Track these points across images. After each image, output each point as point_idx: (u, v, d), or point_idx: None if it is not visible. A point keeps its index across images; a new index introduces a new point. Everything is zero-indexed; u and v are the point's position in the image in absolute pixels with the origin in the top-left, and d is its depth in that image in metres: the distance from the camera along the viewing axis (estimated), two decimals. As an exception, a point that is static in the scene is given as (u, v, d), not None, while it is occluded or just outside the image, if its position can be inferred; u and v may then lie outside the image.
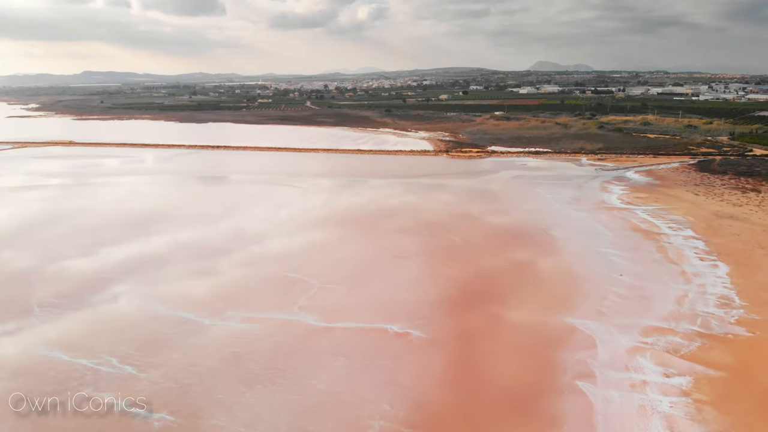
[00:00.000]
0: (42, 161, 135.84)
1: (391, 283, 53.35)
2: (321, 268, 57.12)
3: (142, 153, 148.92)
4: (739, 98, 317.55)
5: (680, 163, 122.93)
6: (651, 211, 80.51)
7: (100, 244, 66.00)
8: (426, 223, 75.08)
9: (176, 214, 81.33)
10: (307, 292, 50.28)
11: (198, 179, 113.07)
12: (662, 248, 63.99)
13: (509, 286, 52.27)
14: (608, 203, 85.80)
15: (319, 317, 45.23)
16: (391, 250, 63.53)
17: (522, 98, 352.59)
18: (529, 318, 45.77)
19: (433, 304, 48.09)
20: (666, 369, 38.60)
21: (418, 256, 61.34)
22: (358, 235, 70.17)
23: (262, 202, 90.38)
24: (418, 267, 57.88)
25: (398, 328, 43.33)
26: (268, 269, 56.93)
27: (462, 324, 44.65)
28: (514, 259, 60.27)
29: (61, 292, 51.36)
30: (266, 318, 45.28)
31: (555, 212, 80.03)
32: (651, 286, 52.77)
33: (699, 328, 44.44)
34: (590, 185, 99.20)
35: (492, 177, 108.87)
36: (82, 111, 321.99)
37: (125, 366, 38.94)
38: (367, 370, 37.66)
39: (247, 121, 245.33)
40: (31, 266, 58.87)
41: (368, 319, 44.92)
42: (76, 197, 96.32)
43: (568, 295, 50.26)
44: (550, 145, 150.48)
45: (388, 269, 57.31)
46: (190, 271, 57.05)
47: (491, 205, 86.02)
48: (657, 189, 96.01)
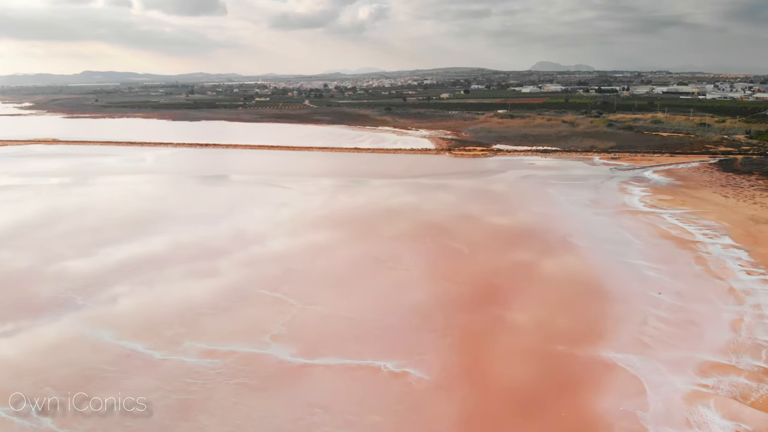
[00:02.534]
0: (19, 160, 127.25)
1: (386, 303, 44.61)
2: (303, 284, 48.36)
3: (126, 151, 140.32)
4: (747, 97, 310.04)
5: (700, 163, 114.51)
6: (680, 216, 71.82)
7: (64, 250, 57.29)
8: (427, 227, 66.45)
9: (141, 218, 72.60)
10: (285, 316, 41.58)
11: (178, 178, 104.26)
12: (701, 259, 55.31)
13: (527, 308, 43.59)
14: (630, 206, 77.11)
15: (295, 350, 36.56)
16: (387, 261, 54.83)
17: (525, 97, 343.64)
18: (555, 350, 37.12)
19: (437, 333, 39.41)
20: (738, 424, 29.95)
21: (418, 268, 52.63)
22: (348, 243, 61.40)
23: (243, 204, 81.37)
24: (419, 283, 49.15)
25: (394, 366, 34.60)
26: (240, 285, 48.12)
27: (473, 360, 35.97)
28: (530, 273, 51.56)
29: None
30: (230, 351, 36.58)
31: (573, 216, 71.33)
32: (697, 307, 44.11)
33: (766, 364, 35.79)
34: (607, 186, 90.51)
35: (499, 177, 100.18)
36: (74, 109, 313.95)
37: (44, 418, 30.33)
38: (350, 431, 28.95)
39: (242, 119, 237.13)
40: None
41: (357, 353, 36.25)
42: (45, 198, 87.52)
43: (600, 319, 41.59)
44: (558, 144, 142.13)
45: (384, 286, 48.57)
46: (147, 285, 48.27)
47: (500, 207, 77.32)
48: (681, 190, 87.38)
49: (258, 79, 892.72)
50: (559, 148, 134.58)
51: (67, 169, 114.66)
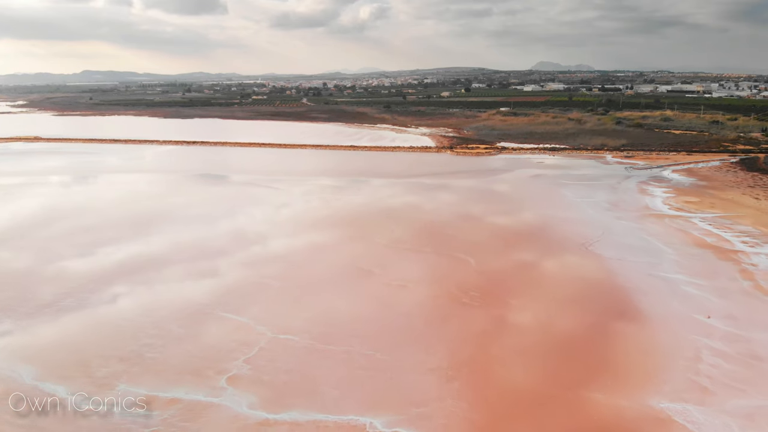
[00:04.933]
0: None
1: (377, 331, 36.44)
2: (277, 305, 40.18)
3: (107, 149, 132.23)
4: (754, 96, 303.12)
5: (721, 161, 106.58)
6: (711, 220, 63.71)
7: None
8: (428, 233, 58.32)
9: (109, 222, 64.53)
10: (249, 348, 33.41)
11: (154, 176, 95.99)
12: (747, 273, 47.22)
13: (550, 341, 35.46)
14: (654, 209, 68.97)
15: (256, 399, 28.40)
16: (380, 275, 46.65)
17: (527, 95, 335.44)
18: (591, 399, 29.01)
19: (441, 374, 31.28)
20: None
21: (417, 285, 44.47)
22: (335, 252, 53.18)
23: (215, 207, 73.04)
24: (419, 304, 41.03)
25: (383, 425, 26.46)
26: (200, 305, 39.96)
27: (490, 417, 27.81)
28: (551, 292, 43.39)
29: None
30: (173, 399, 28.42)
31: (592, 221, 63.13)
32: (757, 335, 35.99)
33: None
34: (625, 186, 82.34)
35: (506, 176, 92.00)
36: (66, 107, 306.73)
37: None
38: None
39: (236, 117, 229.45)
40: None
41: (335, 404, 28.08)
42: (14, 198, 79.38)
43: (643, 353, 33.46)
44: (566, 142, 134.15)
45: (375, 307, 40.39)
46: (84, 307, 40.15)
47: (508, 209, 69.19)
48: (706, 192, 79.28)
49: (258, 79, 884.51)
50: (568, 146, 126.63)
51: (41, 167, 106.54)
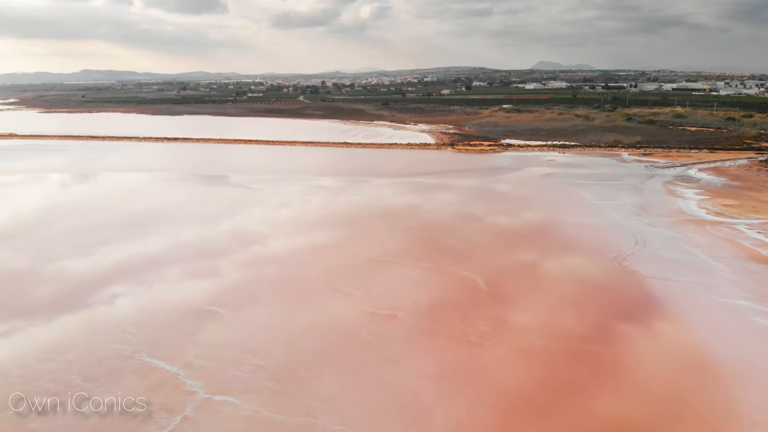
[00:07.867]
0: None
1: (358, 383, 26.85)
2: (221, 350, 30.45)
3: (84, 145, 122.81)
4: (761, 94, 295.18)
5: (749, 160, 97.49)
6: (760, 228, 54.13)
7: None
8: (426, 242, 48.73)
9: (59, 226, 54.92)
10: (169, 416, 23.78)
11: (129, 175, 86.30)
12: (825, 296, 37.68)
13: (593, 395, 25.91)
14: (689, 213, 59.39)
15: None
16: (365, 301, 37.04)
17: (529, 93, 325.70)
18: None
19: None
20: None
21: (413, 315, 34.83)
22: (310, 271, 43.59)
23: (176, 210, 63.47)
24: (416, 340, 31.47)
25: None
26: (117, 347, 30.34)
27: None
28: (584, 327, 33.78)
29: None
30: None
31: (620, 228, 53.43)
32: None
33: None
34: (650, 187, 72.75)
35: (514, 176, 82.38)
36: (55, 105, 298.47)
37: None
38: None
39: (227, 114, 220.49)
40: None
41: None
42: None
43: (723, 421, 23.90)
44: (575, 139, 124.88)
45: (357, 350, 30.81)
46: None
47: (519, 213, 59.56)
48: (743, 193, 69.81)
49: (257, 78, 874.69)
50: (578, 144, 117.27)
51: (10, 165, 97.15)
